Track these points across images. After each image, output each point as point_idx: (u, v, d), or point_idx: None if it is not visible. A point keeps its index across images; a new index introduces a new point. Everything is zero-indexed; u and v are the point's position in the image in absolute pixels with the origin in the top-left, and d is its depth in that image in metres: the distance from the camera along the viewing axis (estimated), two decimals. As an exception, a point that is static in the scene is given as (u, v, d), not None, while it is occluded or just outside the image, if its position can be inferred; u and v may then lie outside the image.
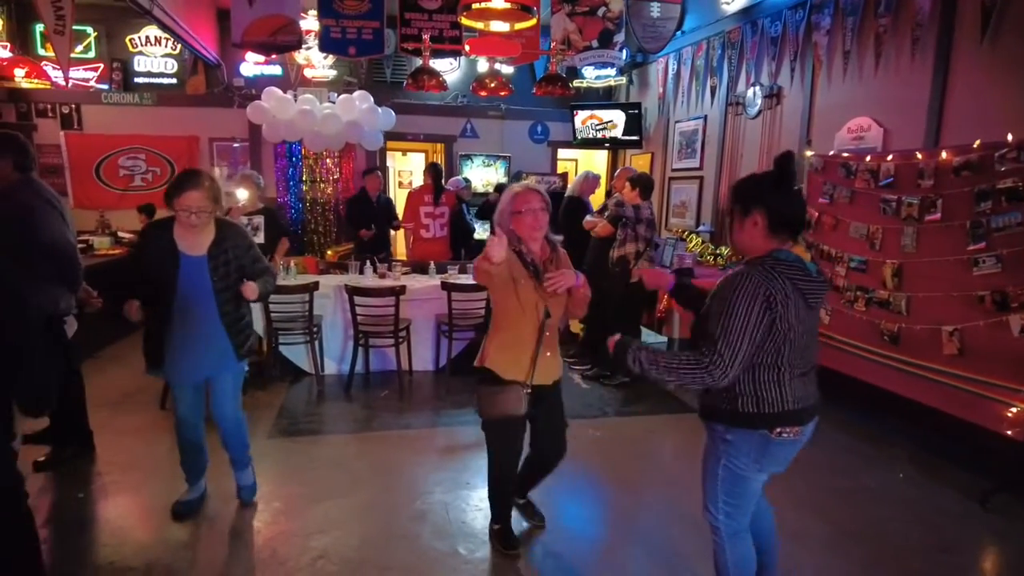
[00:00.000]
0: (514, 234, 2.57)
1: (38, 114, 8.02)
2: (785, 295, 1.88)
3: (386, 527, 3.09)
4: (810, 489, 3.57)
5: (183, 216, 2.73)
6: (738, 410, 2.01)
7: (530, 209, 2.54)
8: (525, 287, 2.54)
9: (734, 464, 2.07)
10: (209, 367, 2.95)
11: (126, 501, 3.38)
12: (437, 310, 5.39)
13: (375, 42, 6.21)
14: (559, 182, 8.74)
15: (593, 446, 4.15)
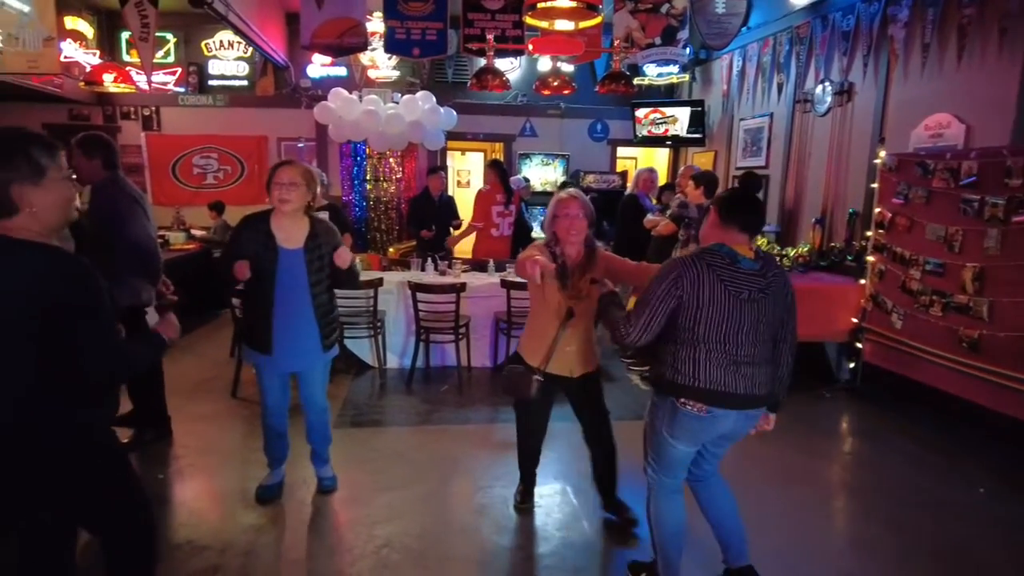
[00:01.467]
0: (554, 236, 2.81)
1: (122, 116, 8.47)
2: (697, 277, 2.18)
3: (447, 519, 3.15)
4: (882, 499, 3.45)
5: (276, 192, 2.88)
6: (661, 376, 2.31)
7: (567, 215, 2.74)
8: (550, 287, 2.73)
9: (655, 425, 2.36)
10: (301, 358, 3.07)
11: (202, 484, 3.55)
12: (496, 308, 5.43)
13: (438, 43, 6.30)
14: (618, 180, 8.68)
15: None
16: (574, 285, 2.72)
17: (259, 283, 2.94)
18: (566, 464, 3.81)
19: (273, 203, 2.92)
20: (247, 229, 2.98)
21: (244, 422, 4.31)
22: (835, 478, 3.87)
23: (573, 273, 2.74)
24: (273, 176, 2.92)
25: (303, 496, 3.34)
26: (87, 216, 3.74)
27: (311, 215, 3.08)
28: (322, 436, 3.33)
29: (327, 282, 3.07)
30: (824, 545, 3.05)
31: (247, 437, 4.03)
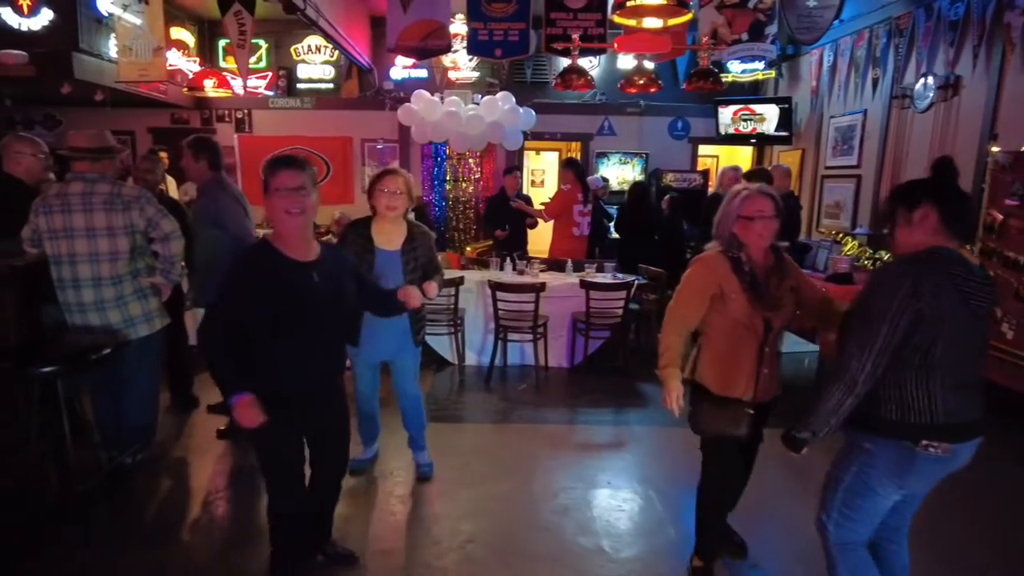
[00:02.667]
0: (736, 239, 2.37)
1: (217, 119, 8.93)
2: (937, 284, 1.76)
3: (530, 518, 3.16)
4: (988, 532, 3.23)
5: (382, 198, 3.09)
6: (880, 416, 1.87)
7: (761, 215, 2.30)
8: (738, 302, 2.33)
9: (867, 475, 1.93)
10: (391, 350, 3.30)
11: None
12: (574, 308, 5.42)
13: (521, 43, 6.34)
14: (700, 179, 8.48)
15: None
16: (771, 294, 2.34)
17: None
18: (649, 468, 3.78)
19: (379, 209, 3.14)
20: (351, 233, 3.23)
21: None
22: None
23: (768, 280, 2.36)
24: (378, 184, 3.12)
25: (390, 487, 3.44)
26: (193, 213, 3.98)
27: (409, 220, 3.28)
28: (417, 423, 3.53)
29: (419, 282, 3.17)
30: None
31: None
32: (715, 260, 2.40)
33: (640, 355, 5.74)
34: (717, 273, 2.36)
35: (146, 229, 3.30)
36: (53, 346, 2.98)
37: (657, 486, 3.51)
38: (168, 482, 3.52)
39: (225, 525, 3.12)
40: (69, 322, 3.31)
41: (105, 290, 3.23)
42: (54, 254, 3.19)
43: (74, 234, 3.16)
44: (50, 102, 8.53)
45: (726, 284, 2.34)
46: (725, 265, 2.36)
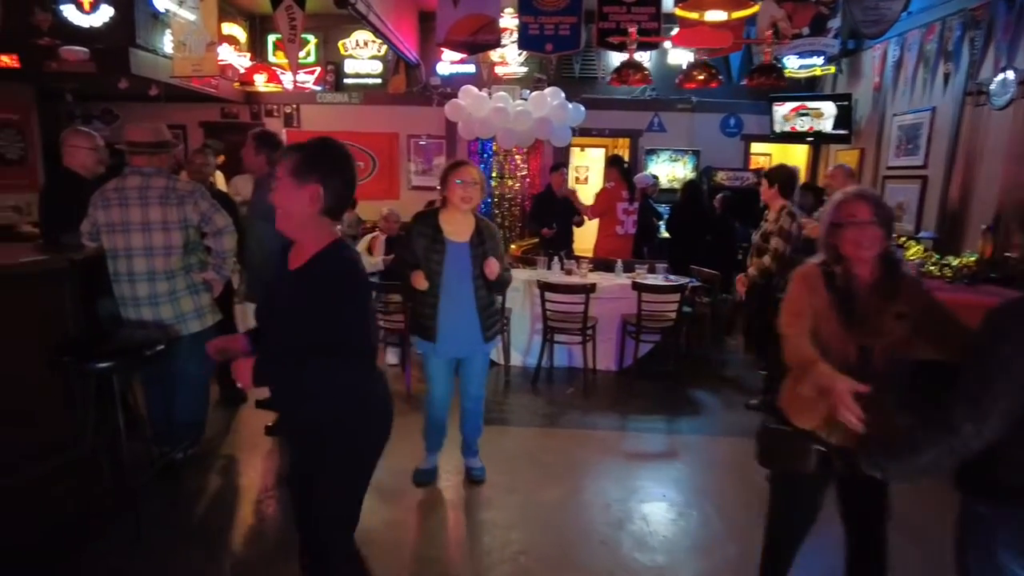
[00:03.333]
0: (834, 251, 2.05)
1: (266, 114, 9.01)
2: None
3: (584, 529, 3.06)
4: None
5: (460, 190, 3.03)
6: (997, 479, 1.52)
7: (853, 221, 1.97)
8: (826, 322, 2.01)
9: (990, 554, 1.52)
10: (463, 345, 3.23)
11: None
12: (624, 309, 5.28)
13: (572, 38, 6.22)
14: (753, 178, 8.21)
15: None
16: (867, 318, 1.99)
17: (427, 275, 3.10)
18: (704, 480, 3.64)
19: (453, 200, 3.08)
20: (418, 226, 3.16)
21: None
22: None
23: (866, 301, 2.02)
24: (454, 174, 3.06)
25: (438, 492, 3.37)
26: (249, 207, 3.97)
27: (476, 215, 3.22)
28: (475, 426, 3.48)
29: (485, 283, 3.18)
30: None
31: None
32: (810, 274, 2.11)
33: (691, 361, 5.56)
34: (811, 288, 2.08)
35: (199, 224, 3.29)
36: (109, 341, 2.98)
37: (714, 500, 3.36)
38: (217, 479, 3.51)
39: (274, 525, 3.09)
40: (123, 316, 3.32)
41: (159, 284, 3.23)
42: (111, 247, 3.21)
43: (130, 228, 3.17)
44: (107, 97, 8.73)
45: (819, 302, 2.05)
46: (820, 280, 2.07)
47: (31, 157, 7.84)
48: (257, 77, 6.63)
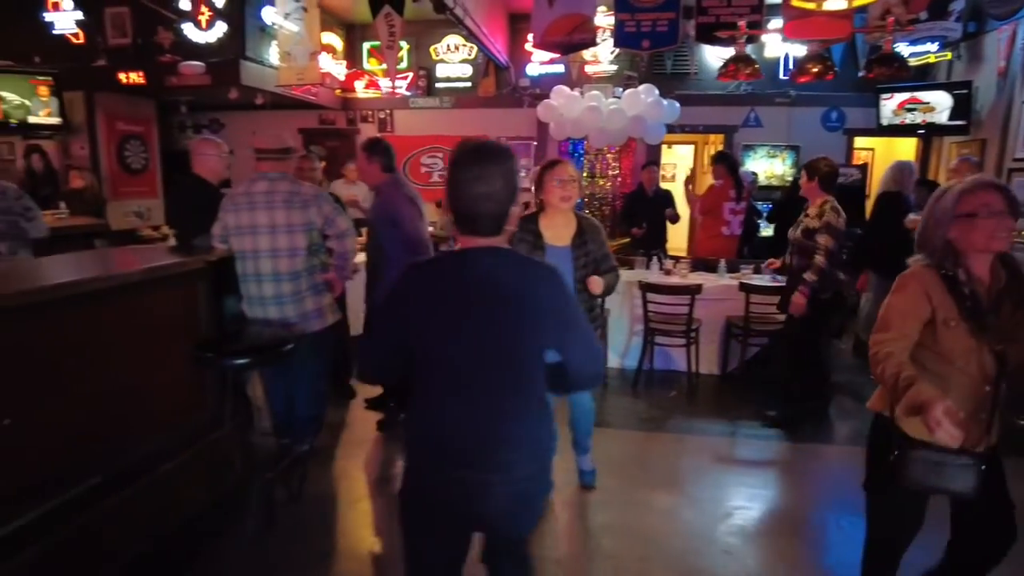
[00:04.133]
0: (950, 249, 1.90)
1: (361, 120, 9.32)
2: None
3: (706, 537, 2.96)
4: None
5: (556, 189, 2.96)
6: None
7: (989, 211, 1.81)
8: (956, 331, 1.86)
9: None
10: None
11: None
12: (728, 311, 5.12)
13: (670, 34, 6.07)
14: (858, 174, 7.80)
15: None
16: (1000, 322, 1.87)
17: None
18: (830, 492, 3.46)
19: (552, 201, 3.00)
20: (520, 231, 3.09)
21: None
22: None
23: (998, 303, 1.89)
24: (550, 174, 3.00)
25: (557, 495, 3.35)
26: (370, 213, 4.09)
27: (577, 213, 3.10)
28: (587, 425, 3.38)
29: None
30: None
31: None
32: (926, 276, 1.92)
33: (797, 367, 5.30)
34: (930, 294, 1.89)
35: (322, 226, 3.40)
36: (242, 338, 3.13)
37: (846, 513, 3.18)
38: (331, 473, 3.63)
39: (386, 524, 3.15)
40: (249, 314, 3.48)
41: (284, 285, 3.36)
42: (239, 249, 3.36)
43: (257, 230, 3.31)
44: (214, 108, 9.25)
45: (941, 308, 1.87)
46: (938, 284, 1.89)
47: (151, 166, 8.41)
48: (357, 83, 6.86)
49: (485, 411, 1.56)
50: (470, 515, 1.62)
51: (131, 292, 2.74)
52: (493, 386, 1.57)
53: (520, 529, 1.73)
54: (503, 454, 1.56)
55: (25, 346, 2.28)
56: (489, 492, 1.56)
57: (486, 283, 1.54)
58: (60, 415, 2.40)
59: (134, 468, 2.69)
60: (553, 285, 1.58)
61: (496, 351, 1.55)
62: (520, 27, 8.72)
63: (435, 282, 1.59)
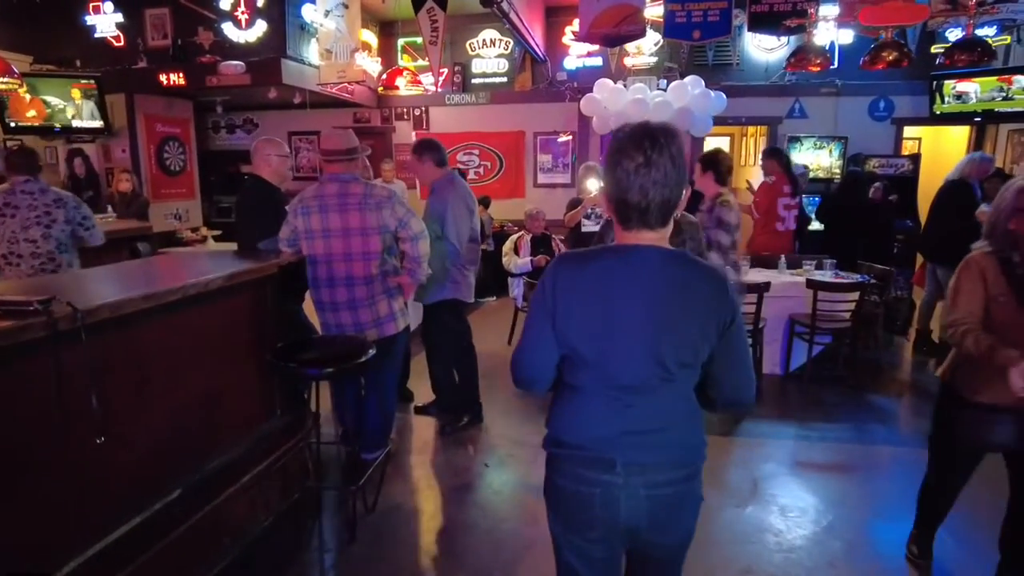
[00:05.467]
0: (1009, 238, 2.21)
1: (396, 117, 9.23)
2: None
3: (807, 549, 2.84)
4: None
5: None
6: None
7: None
8: (1005, 306, 2.19)
9: None
10: None
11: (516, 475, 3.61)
12: (792, 309, 4.97)
13: (722, 23, 5.90)
14: (909, 164, 7.58)
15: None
16: None
17: None
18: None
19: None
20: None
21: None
22: None
23: None
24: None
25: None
26: (425, 212, 4.01)
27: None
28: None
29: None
30: None
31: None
32: (982, 260, 2.27)
33: (863, 364, 5.14)
34: (985, 275, 2.24)
35: (396, 228, 3.31)
36: (318, 346, 3.05)
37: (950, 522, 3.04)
38: (404, 482, 3.55)
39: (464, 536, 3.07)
40: (321, 319, 3.42)
41: (358, 289, 3.28)
42: (311, 253, 3.29)
43: (330, 234, 3.23)
44: (249, 107, 9.22)
45: (994, 286, 2.22)
46: (994, 266, 2.23)
47: (189, 167, 8.39)
48: (399, 80, 6.77)
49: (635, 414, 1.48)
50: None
51: (211, 299, 2.67)
52: (646, 391, 1.48)
53: (665, 538, 1.60)
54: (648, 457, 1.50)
55: (122, 357, 2.21)
56: (632, 496, 1.49)
57: (656, 283, 1.43)
58: (148, 428, 2.33)
59: (213, 480, 2.62)
60: (726, 296, 1.46)
61: (661, 351, 1.43)
62: (556, 20, 8.58)
63: (595, 280, 1.46)
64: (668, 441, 1.50)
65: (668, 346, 1.43)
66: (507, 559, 2.80)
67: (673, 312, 1.43)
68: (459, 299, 4.06)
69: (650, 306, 1.42)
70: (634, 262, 1.45)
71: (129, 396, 2.25)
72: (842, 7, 5.07)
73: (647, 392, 1.47)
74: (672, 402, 1.50)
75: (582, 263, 1.49)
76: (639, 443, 1.48)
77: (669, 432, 1.49)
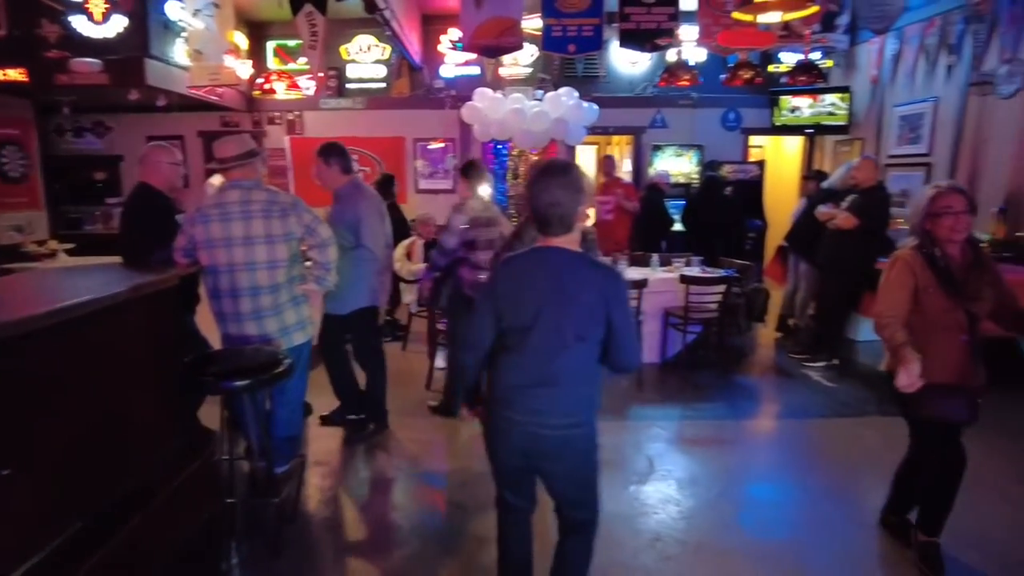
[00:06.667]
0: (928, 236, 2.51)
1: (268, 122, 8.90)
2: None
3: (710, 514, 3.18)
4: None
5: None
6: None
7: (948, 211, 2.44)
8: (934, 296, 2.46)
9: None
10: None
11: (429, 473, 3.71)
12: (667, 303, 5.45)
13: (595, 39, 6.31)
14: (756, 170, 8.49)
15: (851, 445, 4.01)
16: (967, 288, 2.45)
17: None
18: (788, 459, 3.80)
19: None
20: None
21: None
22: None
23: (965, 275, 2.48)
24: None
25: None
26: (329, 218, 3.97)
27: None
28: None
29: None
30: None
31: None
32: (910, 257, 2.54)
33: (729, 349, 5.74)
34: (914, 269, 2.50)
35: (303, 236, 3.29)
36: (230, 358, 2.97)
37: (816, 480, 3.53)
38: (316, 492, 3.52)
39: (369, 536, 3.13)
40: (223, 331, 3.31)
41: (263, 299, 3.22)
42: (211, 264, 3.18)
43: (232, 243, 3.15)
44: (100, 109, 8.48)
45: (922, 279, 2.48)
46: (920, 261, 2.50)
47: (31, 174, 7.58)
48: (278, 85, 6.55)
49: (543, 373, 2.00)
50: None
51: (113, 315, 2.52)
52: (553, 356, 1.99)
53: (557, 465, 2.10)
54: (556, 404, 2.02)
55: (20, 381, 2.06)
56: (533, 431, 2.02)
57: (557, 276, 1.95)
58: (51, 457, 2.18)
59: (120, 507, 2.48)
60: (613, 286, 1.98)
61: (563, 329, 1.96)
62: (433, 28, 8.69)
63: (520, 274, 2.02)
64: (562, 394, 1.99)
65: (568, 321, 1.94)
66: (432, 555, 2.89)
67: (572, 297, 1.94)
68: (376, 306, 4.06)
69: (557, 292, 1.95)
70: (546, 260, 1.99)
71: (33, 423, 2.10)
72: (702, 29, 5.63)
73: (554, 357, 1.97)
74: (569, 366, 1.98)
75: (513, 262, 2.05)
76: (542, 394, 1.99)
77: (563, 388, 1.99)
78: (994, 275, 2.54)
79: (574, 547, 2.22)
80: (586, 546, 2.23)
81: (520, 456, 2.08)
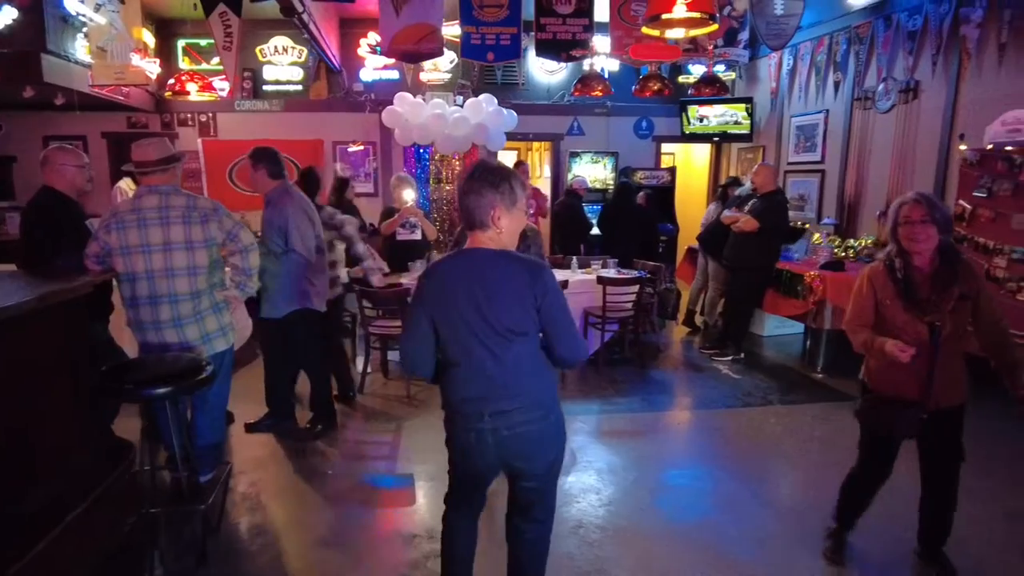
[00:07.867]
0: (898, 245, 2.46)
1: (179, 123, 8.57)
2: None
3: (630, 501, 3.37)
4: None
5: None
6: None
7: (907, 221, 2.39)
8: (892, 308, 2.46)
9: None
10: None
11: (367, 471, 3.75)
12: (586, 303, 5.67)
13: (512, 47, 6.48)
14: (667, 176, 8.91)
15: (751, 433, 4.34)
16: (928, 301, 2.39)
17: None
18: (700, 445, 4.07)
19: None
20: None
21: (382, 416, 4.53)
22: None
23: (926, 287, 2.41)
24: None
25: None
26: (261, 224, 3.95)
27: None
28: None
29: None
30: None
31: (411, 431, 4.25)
32: (873, 269, 2.56)
33: (644, 346, 6.04)
34: (874, 281, 2.52)
35: (224, 242, 3.26)
36: (147, 366, 2.91)
37: (721, 463, 3.80)
38: (241, 501, 3.49)
39: (302, 544, 3.15)
40: (141, 340, 3.24)
41: (182, 306, 3.17)
42: (128, 271, 3.11)
43: (150, 249, 3.09)
44: (-8, 106, 7.92)
45: (881, 291, 2.49)
46: (882, 274, 2.50)
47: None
48: (191, 86, 6.34)
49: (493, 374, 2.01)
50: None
51: (18, 326, 2.43)
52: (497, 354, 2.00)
53: (528, 465, 2.15)
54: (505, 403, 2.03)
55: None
56: (497, 435, 2.04)
57: (481, 273, 1.99)
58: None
59: (31, 525, 2.40)
60: (538, 279, 1.98)
61: (497, 324, 1.97)
62: (351, 32, 8.63)
63: (444, 277, 2.04)
64: (518, 391, 2.02)
65: (499, 316, 1.96)
66: (362, 556, 2.93)
67: (498, 291, 1.96)
68: (310, 308, 4.03)
69: (485, 289, 1.96)
70: (470, 260, 2.03)
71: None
72: (614, 41, 5.91)
73: (498, 356, 1.99)
74: (516, 361, 2.00)
75: (438, 267, 2.09)
76: (501, 396, 2.01)
77: (517, 384, 2.02)
78: (973, 291, 2.42)
79: (535, 537, 2.31)
80: (546, 535, 2.33)
81: (498, 462, 2.10)
